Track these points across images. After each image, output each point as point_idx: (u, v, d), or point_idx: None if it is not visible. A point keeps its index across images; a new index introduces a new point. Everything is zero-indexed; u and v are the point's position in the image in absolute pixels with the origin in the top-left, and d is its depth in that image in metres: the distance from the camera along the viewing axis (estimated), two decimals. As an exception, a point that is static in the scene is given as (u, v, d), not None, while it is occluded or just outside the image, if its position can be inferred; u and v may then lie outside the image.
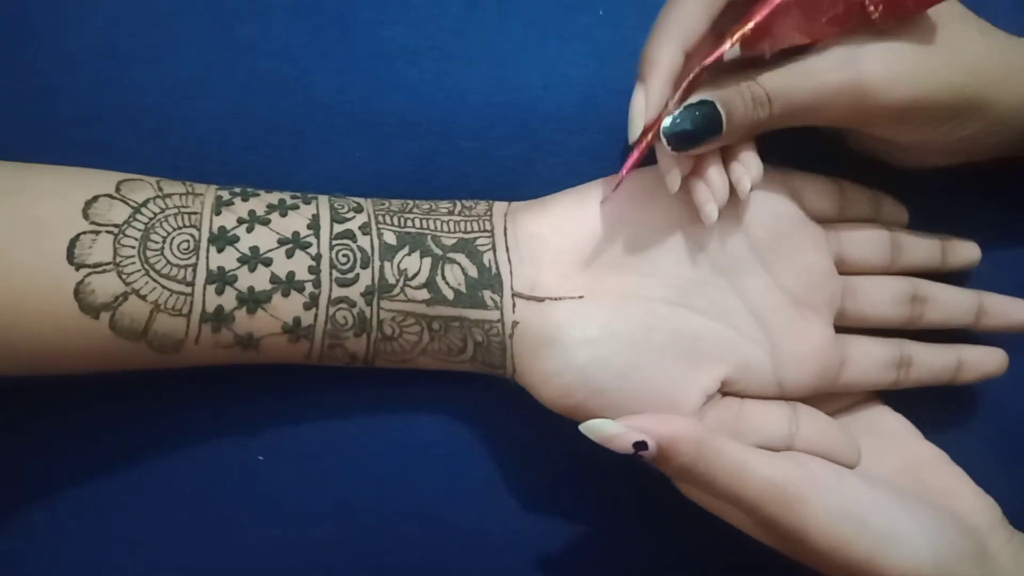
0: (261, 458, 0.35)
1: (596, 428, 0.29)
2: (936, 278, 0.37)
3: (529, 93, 0.37)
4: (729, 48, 0.29)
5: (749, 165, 0.32)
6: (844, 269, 0.36)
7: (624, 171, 0.31)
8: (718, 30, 0.31)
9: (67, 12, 0.35)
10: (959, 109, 0.32)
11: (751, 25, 0.29)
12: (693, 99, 0.30)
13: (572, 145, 0.37)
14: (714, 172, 0.32)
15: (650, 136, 0.30)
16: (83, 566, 0.35)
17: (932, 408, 0.36)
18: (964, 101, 0.32)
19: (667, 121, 0.30)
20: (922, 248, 0.37)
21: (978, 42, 0.32)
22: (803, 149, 0.37)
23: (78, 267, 0.29)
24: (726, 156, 0.32)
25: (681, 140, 0.30)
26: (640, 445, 0.29)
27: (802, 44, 0.31)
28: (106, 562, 0.35)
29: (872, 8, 0.30)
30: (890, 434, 0.36)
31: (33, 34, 0.35)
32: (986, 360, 0.37)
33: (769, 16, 0.29)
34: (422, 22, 0.37)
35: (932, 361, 0.36)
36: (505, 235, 0.33)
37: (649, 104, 0.30)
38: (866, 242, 0.36)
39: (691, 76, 0.30)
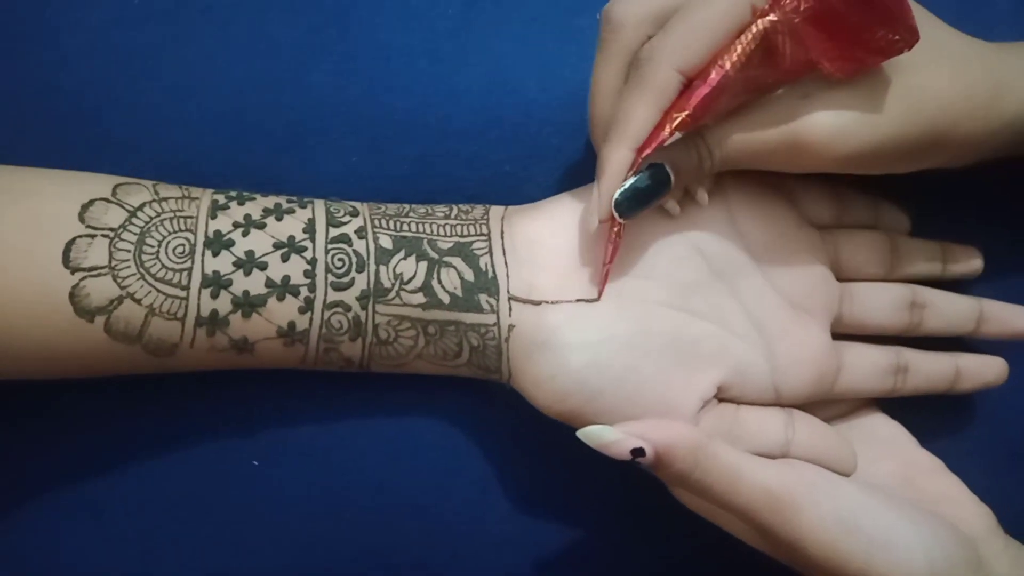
0: (256, 463, 0.36)
1: (594, 435, 0.29)
2: (939, 286, 0.37)
3: (525, 96, 0.37)
4: (669, 136, 0.30)
5: (702, 197, 0.34)
6: (842, 275, 0.36)
7: (607, 265, 0.32)
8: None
9: (63, 11, 0.36)
10: (917, 151, 0.32)
11: (686, 114, 0.30)
12: (644, 165, 0.31)
13: (568, 148, 0.37)
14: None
15: (614, 230, 0.32)
16: (78, 568, 0.35)
17: (928, 415, 0.37)
18: (922, 145, 0.32)
19: (617, 194, 0.31)
20: (923, 255, 0.37)
21: (946, 86, 0.32)
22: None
23: (73, 271, 0.30)
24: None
25: (633, 205, 0.31)
26: (638, 452, 0.29)
27: (746, 100, 0.31)
28: (102, 564, 0.35)
29: (826, 65, 0.30)
30: (886, 441, 0.36)
31: (30, 33, 0.36)
32: (985, 369, 0.37)
33: (706, 99, 0.30)
34: (419, 24, 0.37)
35: (930, 369, 0.36)
36: (502, 239, 0.33)
37: (602, 206, 0.31)
38: (864, 248, 0.36)
39: (635, 165, 0.31)
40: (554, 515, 0.37)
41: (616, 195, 0.31)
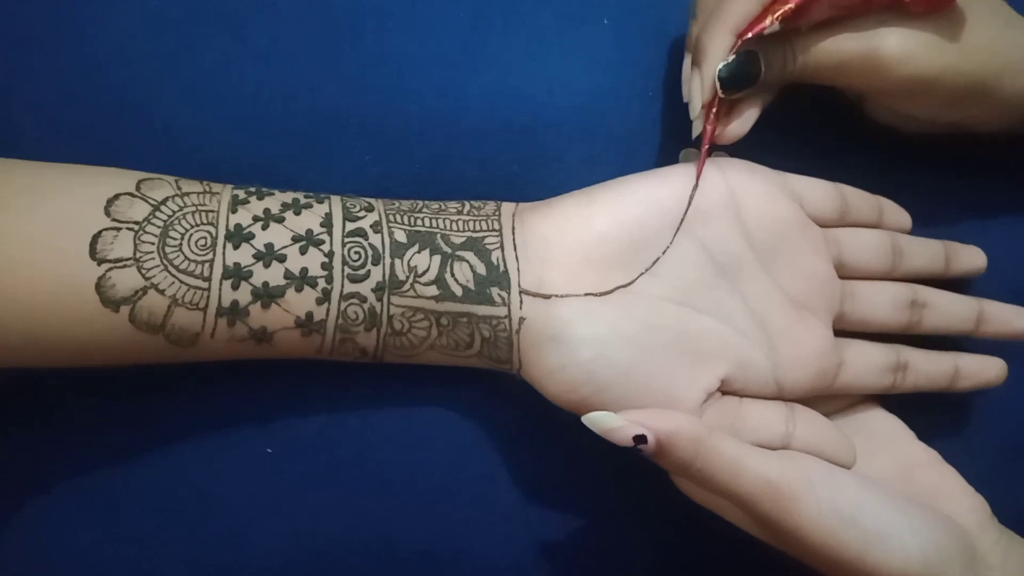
0: (269, 451, 0.37)
1: (598, 420, 0.32)
2: (942, 284, 0.39)
3: (533, 101, 0.39)
4: (769, 25, 0.35)
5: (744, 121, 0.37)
6: (844, 273, 0.38)
7: (705, 148, 0.36)
8: None
9: (84, 19, 0.38)
10: (966, 92, 0.37)
11: (789, 6, 0.34)
12: (741, 49, 0.35)
13: (574, 151, 0.40)
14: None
15: (712, 112, 0.36)
16: (90, 557, 0.37)
17: (927, 410, 0.38)
18: (971, 86, 0.37)
19: (721, 69, 0.35)
20: (925, 254, 0.39)
21: (998, 35, 0.37)
22: (805, 153, 0.39)
23: (100, 262, 0.32)
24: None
25: (729, 83, 0.35)
26: (640, 439, 0.31)
27: (835, 16, 0.36)
28: (114, 553, 0.37)
29: None
30: (884, 435, 0.38)
31: (51, 40, 0.38)
32: (984, 369, 0.39)
33: (802, 4, 0.34)
34: (429, 32, 0.39)
35: (929, 368, 0.38)
36: (513, 234, 0.35)
37: (704, 87, 0.36)
38: (866, 247, 0.38)
39: (735, 46, 0.35)
40: (560, 507, 0.39)
41: (719, 68, 0.35)
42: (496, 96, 0.39)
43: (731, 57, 0.35)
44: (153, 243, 0.32)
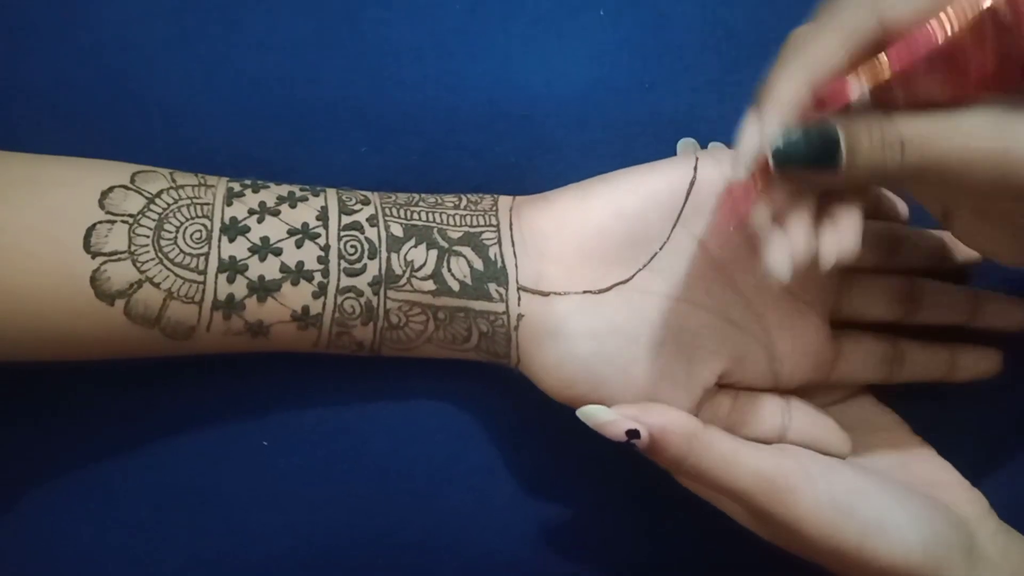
0: (266, 443, 0.38)
1: (591, 414, 0.32)
2: (939, 276, 0.39)
3: (530, 90, 0.39)
4: (858, 90, 0.27)
5: (845, 233, 0.29)
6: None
7: (745, 209, 0.29)
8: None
9: (80, 7, 0.38)
10: None
11: (891, 71, 0.26)
12: (812, 123, 0.28)
13: (572, 141, 0.40)
14: (799, 225, 0.29)
15: (754, 179, 0.28)
16: (87, 549, 0.38)
17: (921, 402, 0.39)
18: None
19: (779, 136, 0.27)
20: (921, 245, 0.39)
21: None
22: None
23: (94, 255, 0.32)
24: (822, 212, 0.30)
25: (787, 159, 0.28)
26: (632, 433, 0.32)
27: (942, 102, 0.27)
28: (111, 545, 0.37)
29: None
30: (879, 426, 0.38)
31: (45, 28, 0.38)
32: (980, 361, 0.39)
33: (912, 63, 0.26)
34: (426, 20, 0.39)
35: (925, 359, 0.38)
36: (511, 230, 0.35)
37: (764, 137, 0.28)
38: (863, 239, 0.38)
39: (808, 113, 0.27)
40: (558, 499, 0.39)
41: (779, 140, 0.27)
42: (494, 86, 0.39)
43: (798, 128, 0.27)
44: (148, 236, 0.32)
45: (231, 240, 0.33)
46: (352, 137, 0.39)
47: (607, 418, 0.32)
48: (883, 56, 0.27)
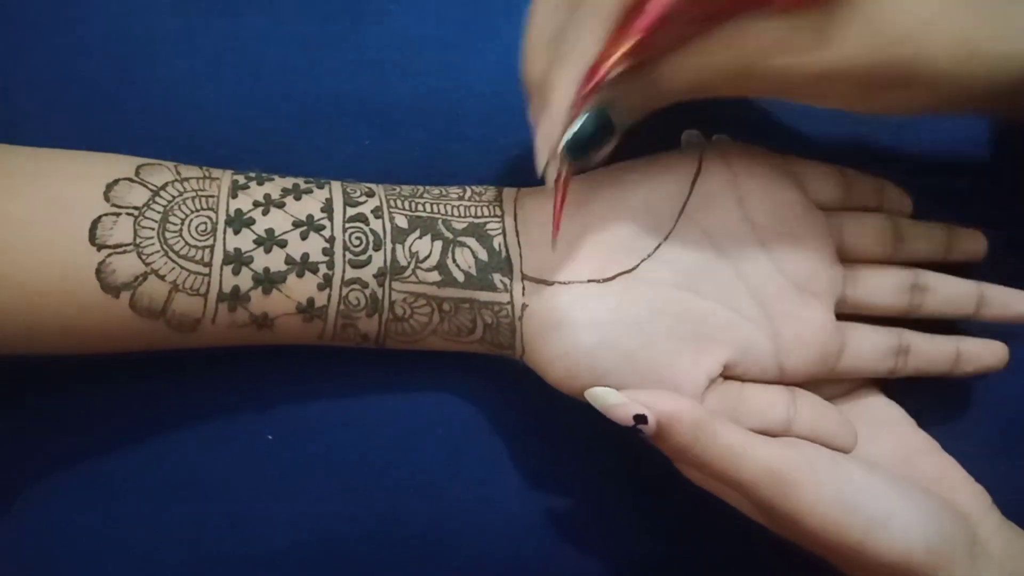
0: (270, 437, 0.38)
1: (600, 396, 0.32)
2: (943, 267, 0.39)
3: None
4: (614, 66, 0.30)
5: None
6: (846, 257, 0.38)
7: (559, 212, 0.33)
8: None
9: (83, 0, 0.38)
10: (879, 83, 0.31)
11: (635, 40, 0.29)
12: (586, 108, 0.31)
13: (576, 133, 0.40)
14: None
15: (562, 182, 0.32)
16: (91, 542, 0.38)
17: (925, 396, 0.39)
18: (885, 75, 0.31)
19: (564, 136, 0.31)
20: (926, 238, 0.39)
21: (903, 12, 0.30)
22: (808, 136, 0.39)
23: (99, 248, 0.32)
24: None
25: (575, 150, 0.31)
26: (640, 418, 0.32)
27: (694, 31, 0.30)
28: (115, 538, 0.38)
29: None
30: (884, 421, 0.38)
31: (49, 21, 0.38)
32: (986, 353, 0.39)
33: (655, 23, 0.29)
34: (429, 12, 0.40)
35: (931, 351, 0.38)
36: (516, 220, 0.35)
37: (550, 139, 0.31)
38: (868, 231, 0.38)
39: (577, 103, 0.31)
40: (561, 494, 0.39)
41: (567, 137, 0.31)
42: (497, 78, 0.40)
43: (577, 121, 0.31)
44: (153, 228, 0.33)
45: (236, 232, 0.33)
46: (356, 129, 0.39)
47: (615, 401, 0.32)
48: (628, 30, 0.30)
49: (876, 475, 0.34)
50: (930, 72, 0.31)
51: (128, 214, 0.33)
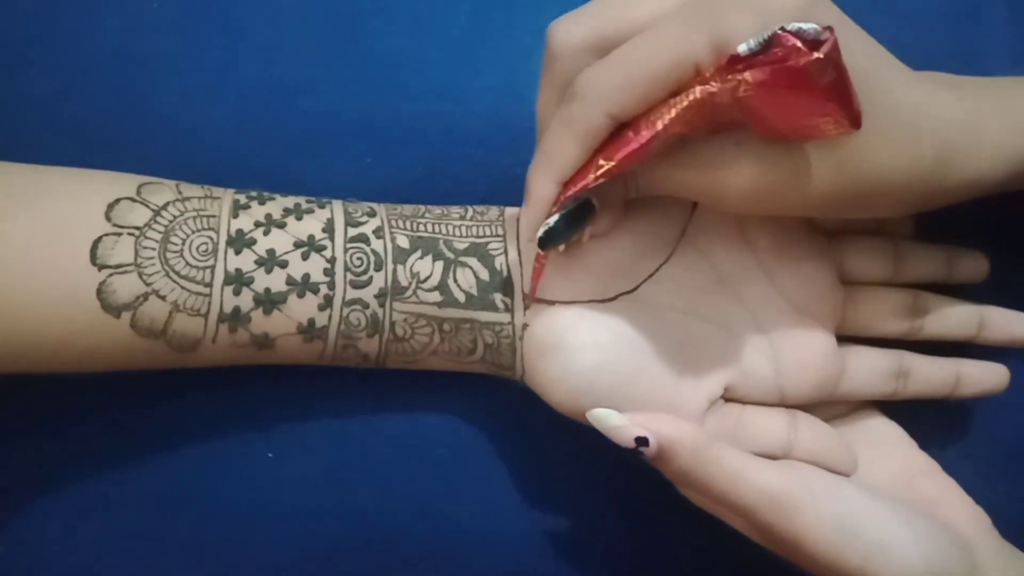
0: (270, 455, 0.38)
1: (601, 417, 0.32)
2: (945, 290, 0.39)
3: (532, 101, 0.38)
4: (593, 182, 0.31)
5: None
6: (847, 279, 0.38)
7: (533, 289, 0.34)
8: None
9: (81, 16, 0.39)
10: (844, 209, 0.33)
11: (612, 164, 0.31)
12: (569, 202, 0.33)
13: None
14: None
15: (540, 264, 0.34)
16: (90, 559, 0.38)
17: (926, 417, 0.39)
18: (852, 204, 0.32)
19: (541, 229, 0.33)
20: (927, 260, 0.39)
21: (886, 157, 0.32)
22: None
23: (100, 268, 0.32)
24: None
25: (549, 242, 0.33)
26: (641, 441, 0.32)
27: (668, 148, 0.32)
28: (116, 556, 0.38)
29: (761, 132, 0.31)
30: (885, 442, 0.38)
31: (48, 38, 0.39)
32: (986, 376, 0.39)
33: (633, 155, 0.30)
34: (429, 32, 0.40)
35: (931, 374, 0.39)
36: (517, 240, 0.36)
37: (528, 230, 0.33)
38: (868, 254, 0.38)
39: (559, 202, 0.32)
40: (560, 512, 0.40)
41: (540, 232, 0.33)
42: (497, 97, 0.40)
43: (556, 214, 0.32)
44: (154, 248, 0.33)
45: (237, 252, 0.34)
46: (357, 148, 0.39)
47: (617, 423, 0.32)
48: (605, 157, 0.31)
49: (875, 499, 0.34)
50: (899, 201, 0.33)
51: (129, 234, 0.33)
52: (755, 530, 0.34)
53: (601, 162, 0.31)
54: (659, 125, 0.30)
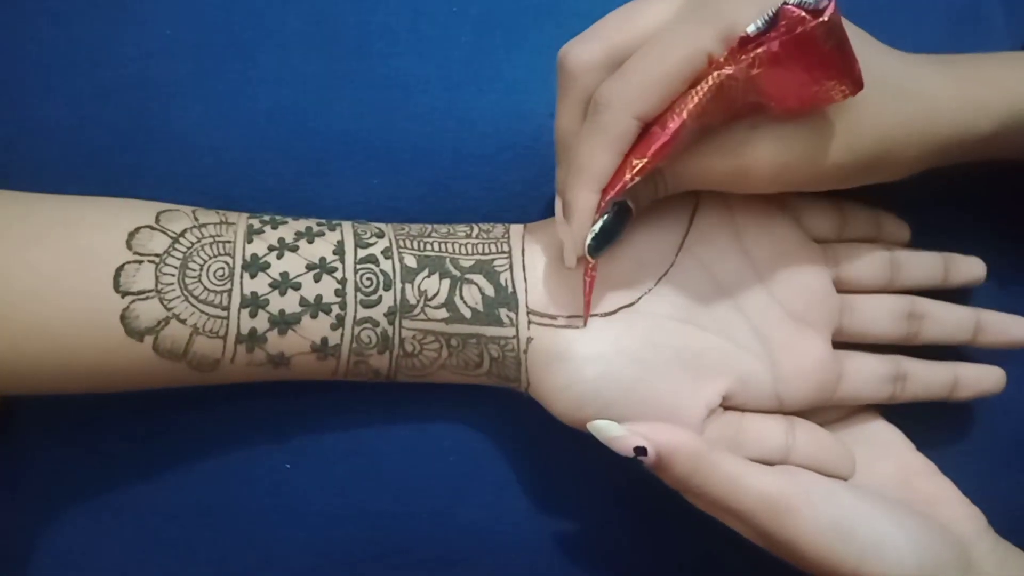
0: (288, 466, 0.40)
1: (602, 428, 0.34)
2: (943, 295, 0.40)
3: (535, 121, 0.40)
4: (631, 182, 0.33)
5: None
6: (843, 287, 0.39)
7: (588, 298, 0.36)
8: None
9: (99, 45, 0.40)
10: (856, 175, 0.36)
11: (646, 160, 0.33)
12: (609, 206, 0.34)
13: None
14: None
15: (590, 264, 0.35)
16: (111, 568, 0.40)
17: (923, 419, 0.40)
18: (861, 170, 0.35)
19: (588, 238, 0.34)
20: (923, 266, 0.40)
21: (886, 117, 0.34)
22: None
23: (123, 295, 0.34)
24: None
25: (598, 249, 0.34)
26: (640, 450, 0.33)
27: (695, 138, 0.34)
28: (135, 564, 0.40)
29: (775, 107, 0.33)
30: (882, 443, 0.39)
31: (67, 66, 0.40)
32: (983, 378, 0.40)
33: (664, 147, 0.33)
34: (433, 53, 0.41)
35: (928, 377, 0.39)
36: (523, 256, 0.37)
37: (576, 244, 0.34)
38: (864, 262, 0.39)
39: (600, 208, 0.34)
40: (568, 517, 0.41)
41: (588, 240, 0.34)
42: (501, 116, 0.41)
43: (599, 220, 0.34)
44: (174, 275, 0.35)
45: (252, 276, 0.35)
46: (364, 169, 0.40)
47: (616, 433, 0.34)
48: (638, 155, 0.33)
49: (871, 501, 0.35)
50: (898, 159, 0.36)
51: (150, 261, 0.35)
52: (754, 534, 0.35)
53: (635, 162, 0.33)
54: (684, 114, 0.32)
